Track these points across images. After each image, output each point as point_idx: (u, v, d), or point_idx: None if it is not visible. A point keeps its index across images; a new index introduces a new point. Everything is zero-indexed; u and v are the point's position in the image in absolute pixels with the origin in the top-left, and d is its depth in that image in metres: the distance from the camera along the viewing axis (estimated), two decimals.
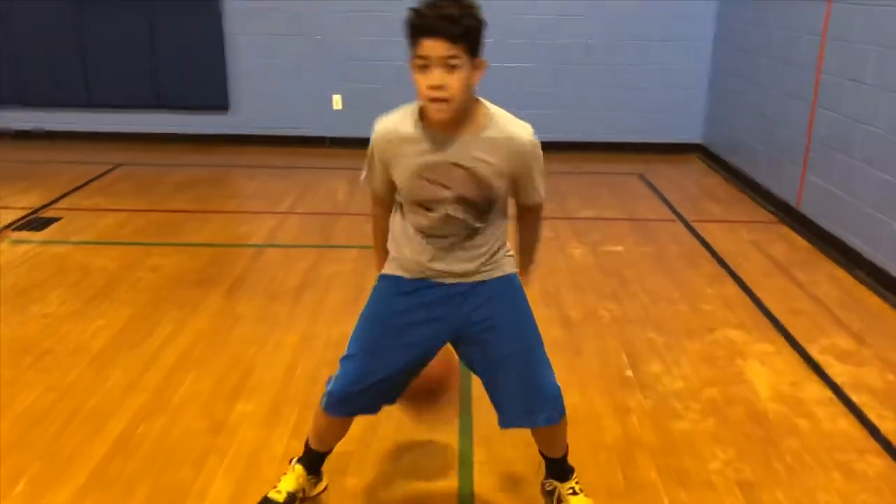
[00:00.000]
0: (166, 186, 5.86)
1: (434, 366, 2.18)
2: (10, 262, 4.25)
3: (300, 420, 2.80)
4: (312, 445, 2.34)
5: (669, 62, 6.97)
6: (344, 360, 2.15)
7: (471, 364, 2.18)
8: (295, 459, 2.40)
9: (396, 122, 1.96)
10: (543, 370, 2.12)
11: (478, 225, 2.01)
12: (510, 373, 2.09)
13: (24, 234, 4.70)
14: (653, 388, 3.08)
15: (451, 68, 1.80)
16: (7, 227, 4.82)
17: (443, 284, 2.07)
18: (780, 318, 3.72)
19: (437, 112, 1.85)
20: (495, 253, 2.08)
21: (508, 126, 1.94)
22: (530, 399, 2.10)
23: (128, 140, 7.18)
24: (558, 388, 2.14)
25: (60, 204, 5.35)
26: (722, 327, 3.63)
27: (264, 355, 3.31)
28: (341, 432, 2.30)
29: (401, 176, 1.98)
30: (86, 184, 5.87)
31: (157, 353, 3.30)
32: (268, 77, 7.08)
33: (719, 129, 6.72)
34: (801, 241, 4.81)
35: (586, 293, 3.98)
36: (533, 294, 2.26)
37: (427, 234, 2.02)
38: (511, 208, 2.13)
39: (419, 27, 1.79)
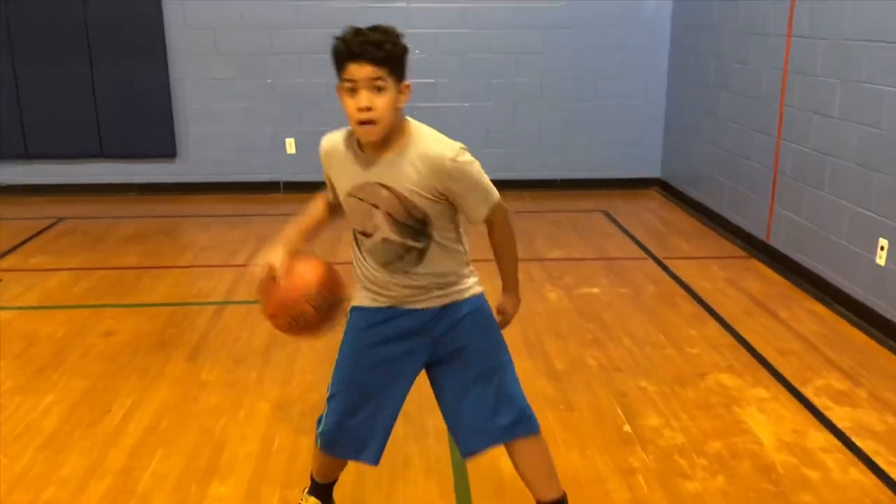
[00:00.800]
0: (114, 241, 5.56)
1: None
2: None
3: (283, 502, 2.57)
4: (317, 479, 2.39)
5: (624, 96, 6.97)
6: (329, 399, 2.19)
7: (441, 387, 2.17)
8: (306, 490, 2.43)
9: (336, 141, 2.06)
10: (513, 388, 2.16)
11: (418, 246, 2.03)
12: (480, 390, 2.11)
13: None
14: (654, 443, 2.93)
15: (378, 90, 1.87)
16: None
17: (411, 311, 2.09)
18: (770, 359, 3.62)
19: (366, 134, 1.92)
20: (456, 276, 2.10)
21: (430, 144, 1.97)
22: (501, 416, 2.11)
23: (71, 192, 6.84)
24: (526, 403, 2.18)
25: None
26: (713, 372, 3.51)
27: (236, 427, 3.07)
28: (342, 465, 2.35)
29: (340, 194, 2.09)
30: (26, 241, 5.53)
31: (118, 431, 3.03)
32: (217, 122, 6.84)
33: (678, 163, 6.71)
34: (774, 276, 4.76)
35: (569, 340, 3.83)
36: (515, 343, 2.44)
37: (377, 259, 2.07)
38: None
39: (345, 52, 1.88)
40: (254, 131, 6.87)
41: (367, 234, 2.04)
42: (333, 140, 2.07)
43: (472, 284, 2.14)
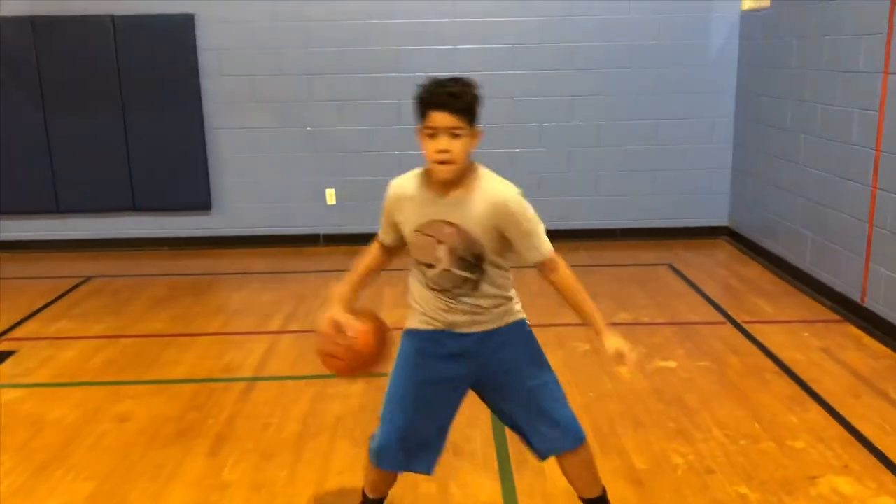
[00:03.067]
0: (142, 303, 5.18)
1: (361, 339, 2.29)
2: None
3: None
4: (369, 495, 2.53)
5: (688, 140, 6.45)
6: (382, 417, 2.36)
7: (495, 406, 2.40)
8: None
9: (404, 184, 2.24)
10: (556, 405, 2.33)
11: (473, 277, 2.23)
12: (527, 412, 2.31)
13: None
14: None
15: (455, 136, 2.09)
16: None
17: (460, 335, 2.29)
18: (892, 456, 3.04)
19: (443, 172, 2.12)
20: (502, 303, 2.30)
21: (492, 184, 2.18)
22: (548, 431, 2.32)
23: (101, 248, 6.53)
24: (573, 416, 2.36)
25: (17, 332, 4.65)
26: (825, 473, 2.93)
27: None
28: (392, 481, 2.50)
29: (406, 231, 2.25)
30: (50, 303, 5.18)
31: None
32: (253, 172, 6.50)
33: (750, 212, 6.14)
34: (876, 346, 4.16)
35: (648, 430, 3.29)
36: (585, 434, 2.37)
37: (434, 288, 2.26)
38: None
39: (428, 102, 2.09)
40: (292, 182, 6.51)
41: (429, 266, 2.24)
42: (403, 183, 2.24)
43: (516, 311, 2.34)
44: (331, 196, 6.54)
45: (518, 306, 2.35)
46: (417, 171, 2.23)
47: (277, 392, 3.75)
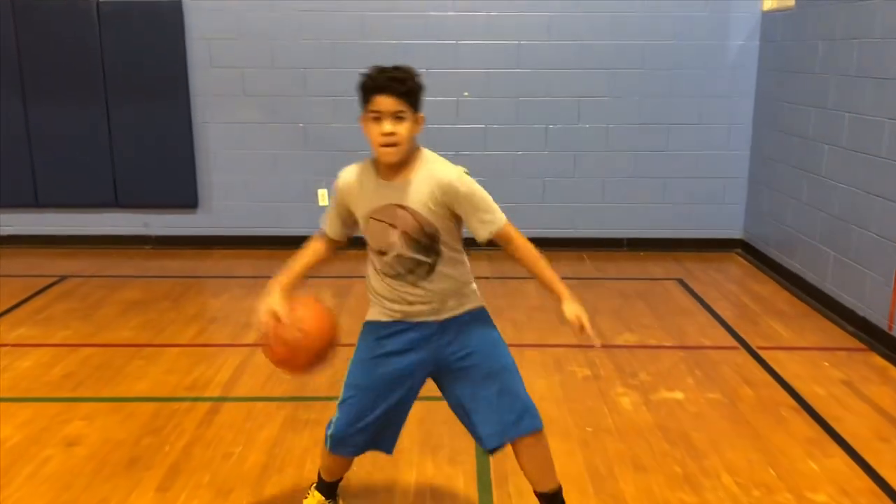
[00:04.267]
0: (113, 307, 4.85)
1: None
2: None
3: None
4: (324, 477, 2.60)
5: (702, 147, 6.09)
6: (340, 404, 2.40)
7: (452, 393, 2.38)
8: (313, 486, 2.65)
9: (354, 173, 2.30)
10: (518, 387, 2.35)
11: (428, 261, 2.25)
12: (487, 394, 2.30)
13: None
14: None
15: (399, 119, 2.15)
16: None
17: (419, 324, 2.31)
18: None
19: (389, 155, 2.17)
20: (459, 288, 2.32)
21: (436, 166, 2.23)
22: (508, 413, 2.31)
23: (82, 244, 6.22)
24: (530, 401, 2.36)
25: None
26: None
27: None
28: (347, 465, 2.56)
29: (360, 219, 2.29)
30: (18, 305, 4.87)
31: None
32: (242, 170, 6.17)
33: (766, 225, 5.78)
34: None
35: (650, 475, 2.94)
36: (578, 475, 2.57)
37: (389, 275, 2.29)
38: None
39: (373, 87, 2.16)
40: (283, 180, 6.18)
41: (383, 252, 2.27)
42: (351, 173, 2.30)
43: (473, 298, 2.37)
44: (323, 197, 6.21)
45: (477, 293, 2.38)
46: (364, 161, 2.29)
47: (245, 415, 3.42)
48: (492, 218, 2.25)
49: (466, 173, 2.25)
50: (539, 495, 2.45)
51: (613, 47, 5.93)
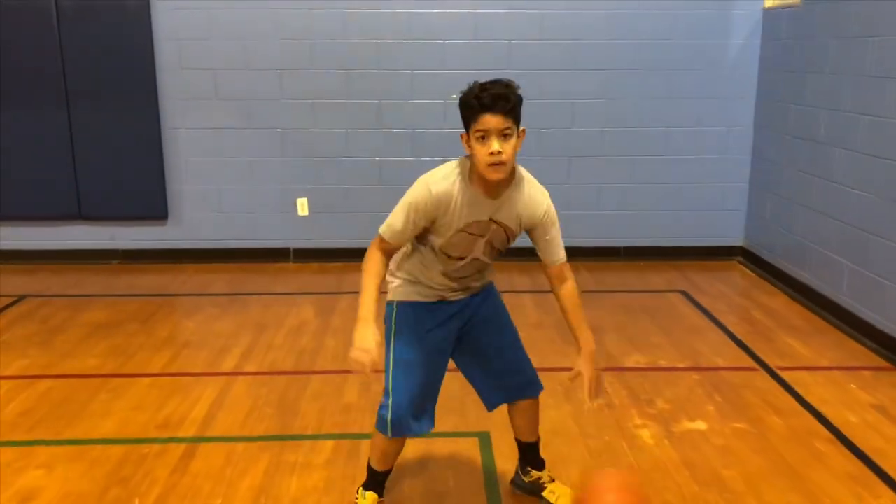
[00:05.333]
0: (77, 330, 4.45)
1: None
2: None
3: None
4: (377, 468, 2.57)
5: (701, 151, 5.82)
6: (393, 388, 2.38)
7: (465, 355, 2.54)
8: (360, 488, 2.62)
9: (448, 186, 2.23)
10: (524, 354, 2.59)
11: (490, 262, 2.44)
12: (499, 360, 2.53)
13: None
14: None
15: (506, 137, 2.16)
16: None
17: (455, 301, 2.45)
18: None
19: (495, 173, 2.17)
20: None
21: (533, 190, 2.32)
22: (517, 377, 2.56)
23: (42, 260, 5.79)
24: (534, 369, 2.60)
25: None
26: None
27: None
28: (400, 448, 2.55)
29: (445, 232, 2.28)
30: None
31: None
32: (216, 178, 5.78)
33: (770, 232, 5.51)
34: None
35: None
36: None
37: (452, 276, 2.39)
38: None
39: (480, 105, 2.14)
40: (259, 190, 5.80)
41: (460, 258, 2.34)
42: (445, 186, 2.23)
43: (491, 273, 2.53)
44: (303, 206, 5.84)
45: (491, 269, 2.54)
46: (454, 171, 2.24)
47: (224, 459, 3.05)
48: (560, 252, 2.39)
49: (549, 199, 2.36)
50: (524, 444, 2.69)
51: (608, 46, 5.64)
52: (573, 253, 2.61)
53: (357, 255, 2.45)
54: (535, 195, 2.30)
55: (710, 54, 5.67)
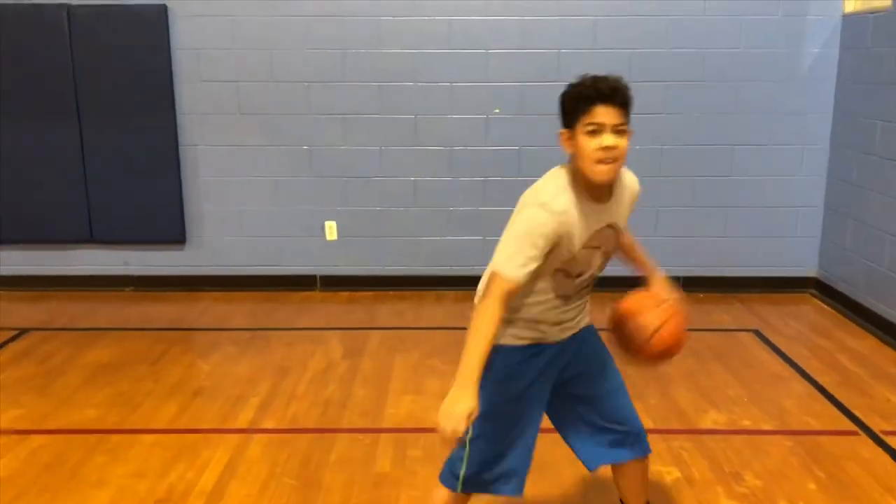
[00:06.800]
0: (79, 373, 4.00)
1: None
2: None
3: None
4: None
5: (771, 171, 5.25)
6: (473, 440, 2.10)
7: (561, 407, 2.23)
8: None
9: (568, 200, 1.97)
10: (633, 407, 2.27)
11: (598, 275, 2.14)
12: (604, 408, 2.22)
13: None
14: None
15: (621, 133, 1.94)
16: None
17: (552, 345, 2.13)
18: None
19: (607, 173, 1.95)
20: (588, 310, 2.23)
21: (627, 176, 2.12)
22: (625, 432, 2.23)
23: (50, 287, 5.37)
24: (640, 422, 2.28)
25: None
26: None
27: None
28: None
29: (570, 251, 1.99)
30: None
31: None
32: (238, 199, 5.33)
33: (849, 263, 4.92)
34: None
35: None
36: None
37: (566, 296, 2.08)
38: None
39: (595, 95, 1.93)
40: (285, 212, 5.34)
41: (579, 275, 2.06)
42: (566, 200, 1.98)
43: (588, 314, 2.24)
44: (331, 230, 5.37)
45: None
46: (558, 184, 2.00)
47: None
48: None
49: None
50: None
51: (668, 56, 5.10)
52: (626, 283, 2.35)
53: (388, 282, 2.11)
54: (628, 176, 2.13)
55: (782, 65, 5.11)
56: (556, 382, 2.19)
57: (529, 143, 5.18)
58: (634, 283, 2.37)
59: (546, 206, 1.94)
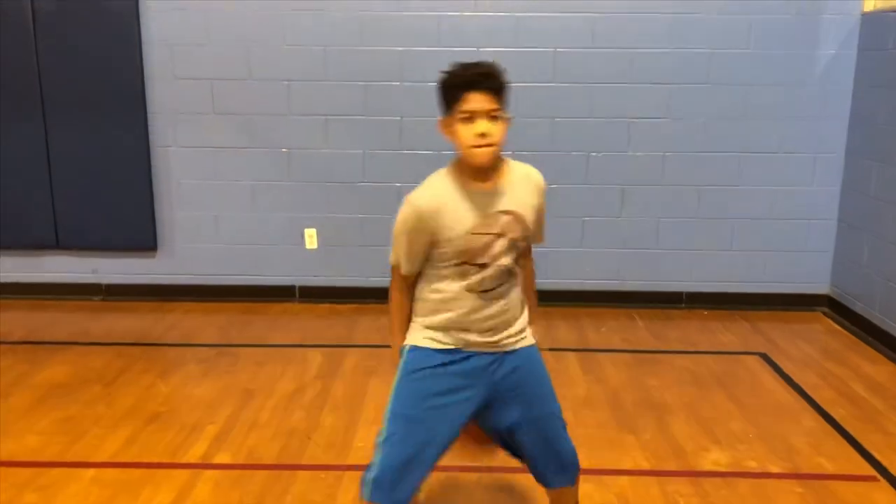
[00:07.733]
0: (29, 394, 3.69)
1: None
2: None
3: None
4: None
5: (781, 182, 4.91)
6: (384, 442, 2.09)
7: (495, 427, 2.19)
8: None
9: (435, 192, 2.03)
10: (565, 435, 2.20)
11: (514, 269, 2.11)
12: (534, 437, 2.16)
13: None
14: None
15: (494, 119, 1.96)
16: None
17: (475, 354, 2.11)
18: None
19: (483, 155, 1.97)
20: (523, 323, 2.17)
21: (527, 168, 2.13)
22: (554, 461, 2.18)
23: (13, 295, 5.08)
24: (576, 453, 2.21)
25: None
26: None
27: None
28: None
29: (452, 240, 2.03)
30: None
31: None
32: (212, 205, 5.02)
33: (867, 281, 4.58)
34: None
35: None
36: None
37: (479, 291, 2.08)
38: None
39: (463, 83, 1.96)
40: (262, 218, 5.03)
41: (483, 266, 2.06)
42: (432, 193, 2.04)
43: (527, 333, 2.19)
44: (311, 238, 5.05)
45: (528, 327, 2.21)
46: (437, 178, 2.05)
47: None
48: (544, 227, 2.22)
49: None
50: None
51: (672, 56, 4.77)
52: (625, 298, 2.14)
53: (372, 294, 1.91)
54: (525, 167, 2.13)
55: (794, 66, 4.77)
56: (488, 402, 2.14)
57: (523, 147, 4.82)
58: (608, 297, 2.14)
59: (408, 201, 2.03)
